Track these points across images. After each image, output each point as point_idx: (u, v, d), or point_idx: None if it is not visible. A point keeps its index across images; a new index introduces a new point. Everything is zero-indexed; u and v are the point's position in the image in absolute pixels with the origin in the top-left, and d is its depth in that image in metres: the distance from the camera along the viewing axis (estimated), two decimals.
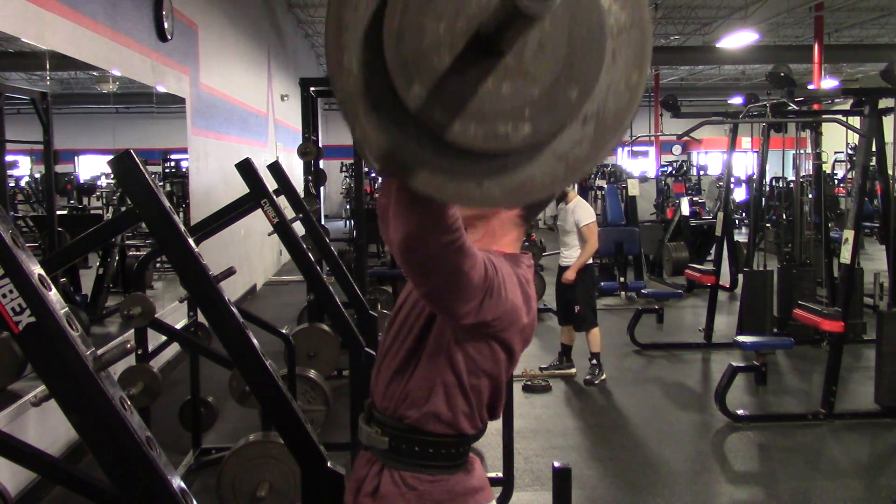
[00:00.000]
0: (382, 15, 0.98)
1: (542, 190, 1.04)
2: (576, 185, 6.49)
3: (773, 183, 14.32)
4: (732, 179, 8.60)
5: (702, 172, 19.61)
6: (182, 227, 2.27)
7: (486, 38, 0.95)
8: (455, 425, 1.63)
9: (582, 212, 6.36)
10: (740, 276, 7.91)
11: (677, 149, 21.32)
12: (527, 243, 9.25)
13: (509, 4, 0.84)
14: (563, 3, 0.96)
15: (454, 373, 1.59)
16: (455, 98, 0.97)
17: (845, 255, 5.49)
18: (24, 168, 7.80)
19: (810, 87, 13.25)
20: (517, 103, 0.98)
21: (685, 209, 12.01)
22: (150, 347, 4.35)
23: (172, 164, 8.09)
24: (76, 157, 8.57)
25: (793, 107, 6.96)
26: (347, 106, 1.02)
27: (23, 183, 8.18)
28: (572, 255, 6.40)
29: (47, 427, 4.40)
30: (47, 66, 4.73)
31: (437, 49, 0.97)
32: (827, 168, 11.49)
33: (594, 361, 6.42)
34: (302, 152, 6.99)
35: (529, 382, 6.24)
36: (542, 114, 0.98)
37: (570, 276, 6.33)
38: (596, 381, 6.34)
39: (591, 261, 6.46)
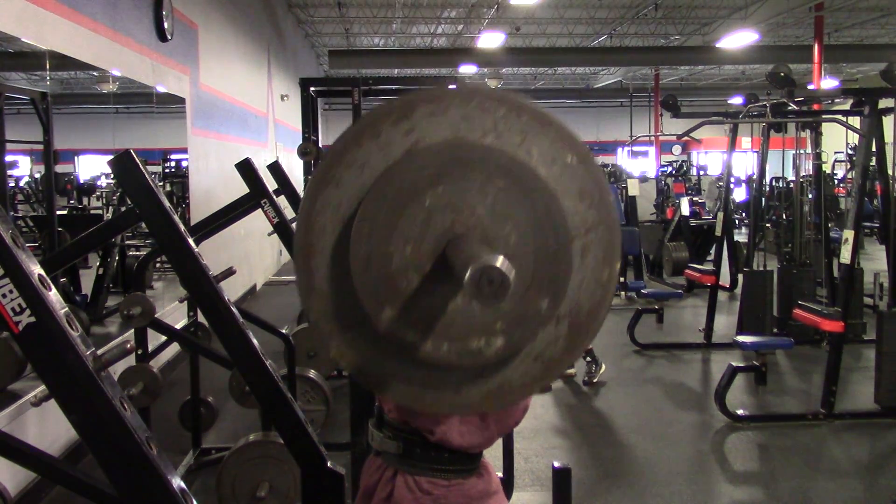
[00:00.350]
0: (349, 237, 0.98)
1: (521, 391, 1.05)
2: None
3: (773, 183, 14.31)
4: (732, 179, 8.60)
5: (702, 172, 19.61)
6: (182, 227, 2.26)
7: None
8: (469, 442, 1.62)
9: None
10: (740, 276, 7.91)
11: (677, 149, 21.34)
12: None
13: (461, 277, 0.85)
14: (526, 216, 0.97)
15: None
16: (425, 318, 0.98)
17: (845, 255, 5.49)
18: (24, 168, 7.80)
19: (810, 87, 13.24)
20: (488, 319, 0.98)
21: (685, 209, 12.01)
22: (150, 347, 4.34)
23: (172, 164, 8.09)
24: (76, 157, 8.58)
25: (793, 107, 6.96)
26: (320, 326, 1.04)
27: (23, 183, 8.18)
28: None
29: (47, 427, 4.40)
30: (47, 66, 4.73)
31: (404, 272, 0.97)
32: (827, 168, 11.49)
33: (588, 358, 6.39)
34: (302, 152, 6.99)
35: None
36: (514, 326, 0.99)
37: None
38: (594, 379, 6.32)
39: None
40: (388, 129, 0.99)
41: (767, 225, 12.14)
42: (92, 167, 8.36)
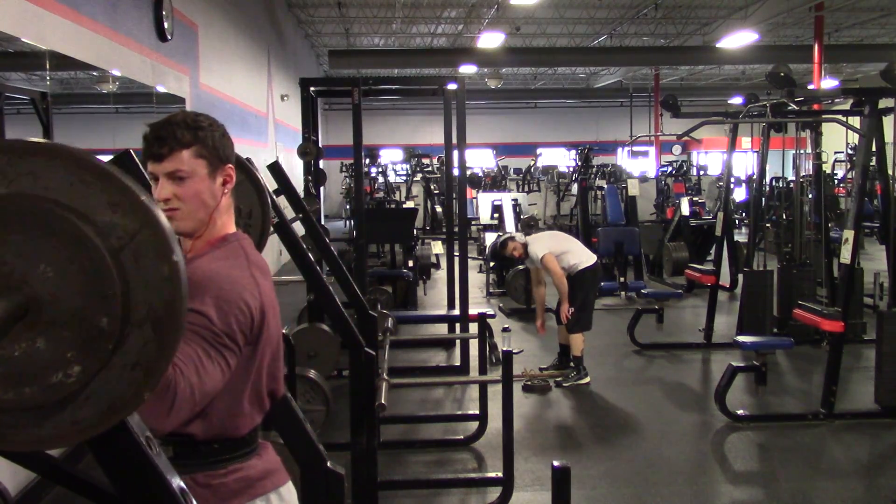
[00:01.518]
0: None
1: (136, 399, 1.05)
2: (523, 238, 6.68)
3: (773, 183, 14.31)
4: (732, 179, 8.60)
5: (702, 172, 19.61)
6: None
7: None
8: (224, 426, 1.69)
9: (535, 248, 6.40)
10: (740, 277, 7.91)
11: (677, 149, 21.32)
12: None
13: None
14: (57, 247, 0.99)
15: None
16: None
17: (845, 255, 5.49)
18: None
19: (810, 87, 13.25)
20: (56, 353, 0.99)
21: (685, 209, 12.01)
22: None
23: None
24: None
25: (793, 107, 6.96)
26: None
27: None
28: (571, 260, 6.32)
29: None
30: (47, 66, 4.73)
31: None
32: (827, 168, 11.49)
33: (572, 363, 6.38)
34: (302, 152, 6.99)
35: (529, 382, 6.24)
36: (84, 349, 1.00)
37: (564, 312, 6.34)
38: (566, 384, 6.26)
39: (589, 264, 6.35)
40: None
41: (767, 225, 12.14)
42: None
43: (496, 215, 12.87)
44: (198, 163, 1.68)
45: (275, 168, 4.88)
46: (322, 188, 8.89)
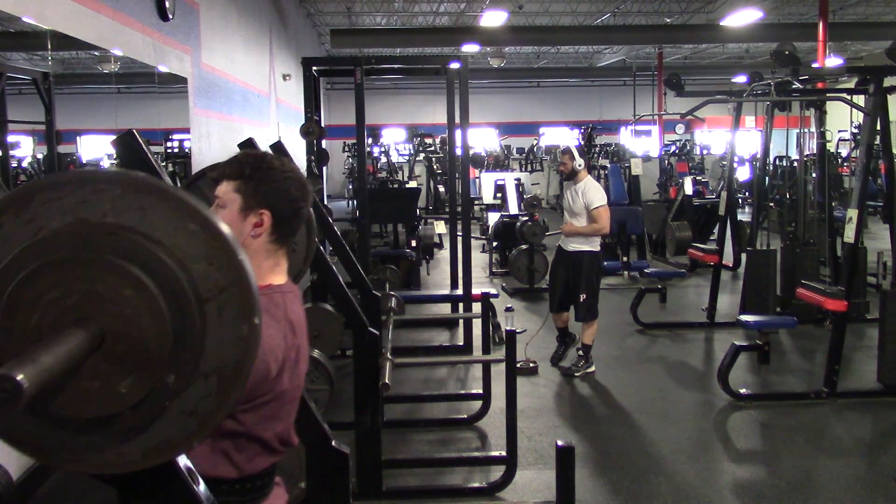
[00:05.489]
0: None
1: (181, 445, 1.09)
2: (584, 165, 6.21)
3: (777, 162, 14.27)
4: (736, 158, 8.57)
5: (705, 152, 19.54)
6: None
7: None
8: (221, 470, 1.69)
9: (594, 193, 6.04)
10: (743, 256, 7.90)
11: (680, 128, 21.22)
12: (530, 223, 9.24)
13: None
14: (148, 289, 1.02)
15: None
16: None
17: (849, 234, 5.48)
18: (26, 149, 7.78)
19: (815, 65, 13.17)
20: (118, 388, 1.02)
21: (688, 188, 11.98)
22: None
23: (175, 144, 8.06)
24: (78, 138, 8.55)
25: (797, 85, 6.92)
26: None
27: (25, 164, 8.16)
28: (578, 240, 6.10)
29: None
30: (49, 46, 4.71)
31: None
32: (831, 147, 11.45)
33: (581, 353, 6.19)
34: (304, 132, 6.97)
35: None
36: (146, 397, 1.04)
37: (568, 228, 6.14)
38: (577, 374, 6.09)
39: (598, 249, 6.18)
40: (10, 221, 1.04)
41: (771, 204, 12.12)
42: (94, 148, 8.34)
43: (499, 195, 12.85)
44: (234, 197, 1.71)
45: (277, 148, 4.87)
46: (325, 168, 8.86)
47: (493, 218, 11.17)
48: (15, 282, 1.01)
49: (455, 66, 6.85)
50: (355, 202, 12.64)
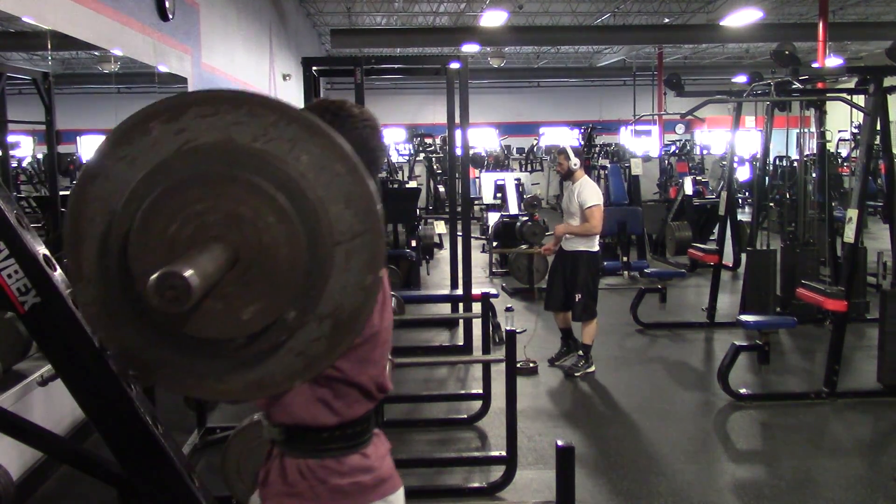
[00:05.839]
0: (117, 227, 1.02)
1: (284, 384, 1.09)
2: (580, 164, 6.19)
3: (777, 162, 14.27)
4: (736, 158, 8.57)
5: (705, 152, 19.54)
6: None
7: None
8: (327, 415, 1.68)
9: (588, 193, 5.98)
10: (743, 256, 7.90)
11: (680, 128, 21.23)
12: (530, 223, 9.24)
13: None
14: (286, 219, 1.01)
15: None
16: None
17: (849, 234, 5.48)
18: (26, 149, 7.78)
19: (815, 65, 13.17)
20: (239, 313, 1.01)
21: (688, 188, 11.99)
22: None
23: None
24: (78, 138, 8.55)
25: (797, 85, 6.92)
26: (88, 311, 1.06)
27: (25, 163, 8.17)
28: (576, 240, 6.06)
29: (52, 407, 4.42)
30: (48, 46, 4.71)
31: (173, 247, 1.00)
32: (831, 147, 11.45)
33: (580, 353, 6.18)
34: None
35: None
36: (263, 328, 1.03)
37: (550, 246, 6.29)
38: (577, 374, 6.06)
39: (597, 249, 6.14)
40: (159, 128, 1.02)
41: (771, 204, 12.12)
42: (94, 147, 8.36)
43: (499, 195, 12.86)
44: None
45: None
46: None
47: (493, 218, 11.17)
48: (158, 190, 0.99)
49: (455, 66, 6.84)
50: None
